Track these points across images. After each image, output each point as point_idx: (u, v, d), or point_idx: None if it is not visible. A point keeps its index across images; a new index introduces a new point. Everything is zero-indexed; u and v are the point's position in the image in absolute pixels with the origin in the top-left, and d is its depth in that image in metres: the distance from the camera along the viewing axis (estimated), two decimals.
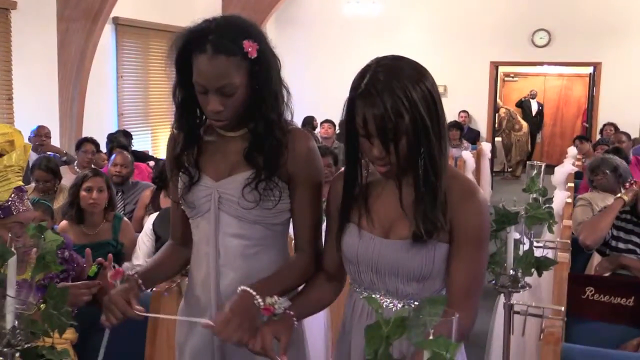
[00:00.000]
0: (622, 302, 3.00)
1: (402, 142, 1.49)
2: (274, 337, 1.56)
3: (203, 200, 1.79)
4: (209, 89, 1.66)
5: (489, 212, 1.64)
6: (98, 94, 7.91)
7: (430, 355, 1.06)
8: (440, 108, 1.54)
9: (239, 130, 1.78)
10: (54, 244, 1.72)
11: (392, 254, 1.58)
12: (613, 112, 10.39)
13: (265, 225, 1.78)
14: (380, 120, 1.47)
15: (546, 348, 2.13)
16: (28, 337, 1.64)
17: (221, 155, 1.80)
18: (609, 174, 4.56)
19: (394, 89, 1.47)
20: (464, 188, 1.58)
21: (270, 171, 1.73)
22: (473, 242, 1.56)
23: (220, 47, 1.63)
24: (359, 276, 1.66)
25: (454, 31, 11.08)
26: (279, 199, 1.76)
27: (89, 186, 3.67)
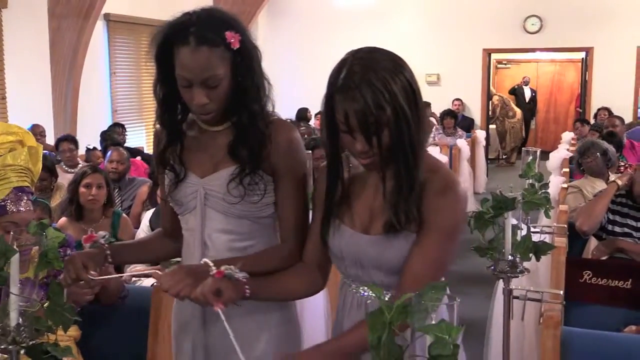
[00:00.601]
0: (620, 285, 3.03)
1: (384, 134, 1.49)
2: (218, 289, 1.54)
3: (190, 198, 1.78)
4: (194, 82, 1.65)
5: (465, 207, 1.61)
6: (91, 91, 7.90)
7: (433, 339, 1.08)
8: (419, 98, 1.53)
9: (222, 125, 1.77)
10: (55, 241, 1.73)
11: (372, 248, 1.58)
12: (606, 96, 10.42)
13: (253, 219, 1.77)
14: (362, 115, 1.46)
15: (546, 332, 2.16)
16: (33, 334, 1.65)
17: (205, 151, 1.79)
18: (599, 157, 4.59)
19: (373, 82, 1.46)
20: (442, 181, 1.56)
21: (255, 164, 1.72)
22: (440, 233, 1.54)
23: (203, 39, 1.62)
24: (346, 270, 1.67)
25: (446, 19, 11.08)
26: (264, 192, 1.75)
27: (88, 182, 3.68)
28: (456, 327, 1.09)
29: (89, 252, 1.75)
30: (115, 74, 8.44)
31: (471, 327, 1.98)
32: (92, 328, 2.51)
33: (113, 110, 8.41)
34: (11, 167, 2.10)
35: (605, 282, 3.05)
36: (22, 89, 6.96)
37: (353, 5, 10.96)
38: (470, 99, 11.45)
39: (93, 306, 2.53)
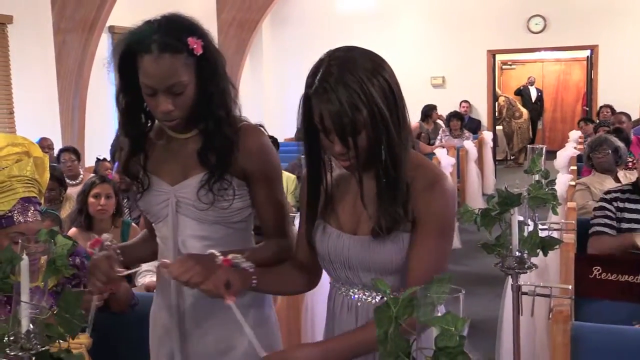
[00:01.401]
0: (630, 280, 3.00)
1: (361, 136, 1.46)
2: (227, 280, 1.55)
3: (161, 206, 1.79)
4: (158, 90, 1.64)
5: (454, 201, 1.60)
6: (98, 103, 7.94)
7: (439, 331, 1.09)
8: (400, 98, 1.50)
9: (190, 132, 1.77)
10: (64, 249, 1.74)
11: (360, 249, 1.56)
12: (612, 94, 10.39)
13: (226, 224, 1.77)
14: (337, 116, 1.43)
15: (556, 327, 2.15)
16: (43, 340, 1.66)
17: (174, 158, 1.79)
18: (610, 153, 4.59)
19: (349, 83, 1.43)
20: (429, 177, 1.54)
21: (223, 169, 1.72)
22: (433, 230, 1.52)
23: (166, 46, 1.62)
24: (335, 273, 1.65)
25: (450, 22, 11.08)
26: (233, 198, 1.74)
27: (96, 193, 3.71)
28: (462, 318, 1.10)
29: (106, 254, 1.76)
30: None
31: (482, 327, 1.99)
32: (103, 336, 2.52)
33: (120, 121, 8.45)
34: (17, 178, 2.12)
35: (615, 277, 3.03)
36: (29, 103, 7.02)
37: (356, 10, 10.98)
38: (476, 100, 11.44)
39: (104, 314, 2.55)
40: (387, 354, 1.13)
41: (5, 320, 1.53)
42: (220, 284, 1.54)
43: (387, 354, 1.13)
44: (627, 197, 3.44)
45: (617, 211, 3.40)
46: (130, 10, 8.42)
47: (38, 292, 1.83)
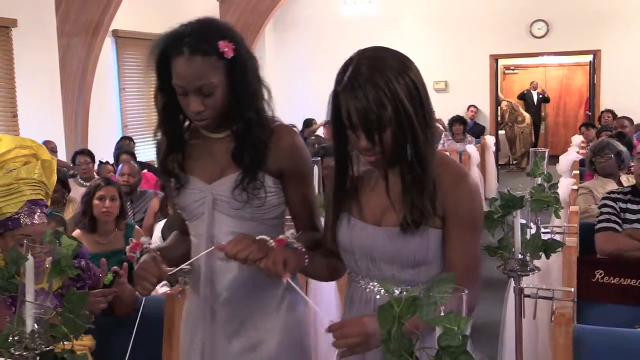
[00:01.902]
0: (632, 283, 3.01)
1: (386, 133, 1.52)
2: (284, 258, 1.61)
3: (197, 204, 1.83)
4: (189, 90, 1.71)
5: (480, 196, 1.66)
6: (102, 107, 7.97)
7: (442, 331, 1.09)
8: (425, 98, 1.56)
9: (224, 132, 1.83)
10: (69, 249, 1.75)
11: (384, 241, 1.61)
12: (615, 98, 10.38)
13: (260, 221, 1.83)
14: (364, 113, 1.49)
15: (558, 329, 2.15)
16: (48, 340, 1.67)
17: (210, 157, 1.84)
18: (612, 158, 4.59)
19: (376, 81, 1.49)
20: (454, 173, 1.61)
21: (256, 169, 1.78)
22: (466, 226, 1.59)
23: (197, 48, 1.69)
24: (356, 264, 1.69)
25: (452, 26, 11.09)
26: (266, 195, 1.80)
27: (101, 195, 3.71)
28: (465, 317, 1.11)
29: (152, 256, 1.79)
30: (125, 89, 8.51)
31: (484, 330, 1.99)
32: (107, 338, 2.53)
33: (123, 125, 8.47)
34: (25, 180, 2.13)
35: (617, 280, 3.04)
36: (33, 107, 7.04)
37: (359, 15, 10.98)
38: (479, 105, 11.44)
39: (108, 317, 2.56)
40: (391, 353, 1.14)
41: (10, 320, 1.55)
42: (279, 261, 1.60)
43: (390, 353, 1.14)
44: (628, 198, 3.45)
45: (620, 211, 3.41)
46: (134, 14, 8.47)
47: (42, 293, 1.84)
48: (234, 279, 1.82)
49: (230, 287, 1.84)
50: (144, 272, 1.75)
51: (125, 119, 8.52)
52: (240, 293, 1.84)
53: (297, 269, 1.68)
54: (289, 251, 1.65)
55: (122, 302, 2.49)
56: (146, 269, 1.75)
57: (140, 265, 1.76)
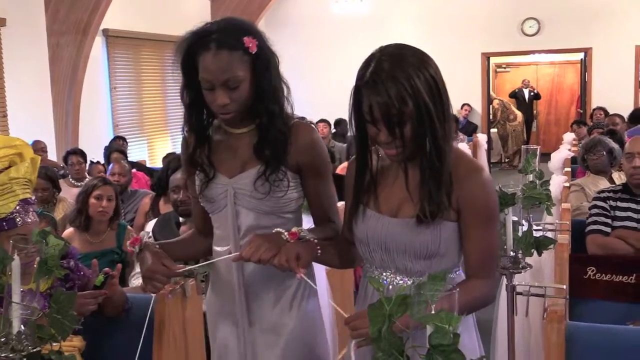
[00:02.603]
0: (624, 280, 3.01)
1: (407, 127, 1.57)
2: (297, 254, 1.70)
3: (220, 197, 1.91)
4: (215, 84, 1.77)
5: (494, 189, 1.72)
6: (92, 106, 7.93)
7: (433, 329, 1.08)
8: (444, 93, 1.61)
9: (246, 127, 1.90)
10: (56, 249, 1.73)
11: (399, 232, 1.67)
12: (606, 96, 10.42)
13: (279, 214, 1.90)
14: (385, 107, 1.55)
15: (550, 326, 2.15)
16: (35, 342, 1.64)
17: (231, 152, 1.92)
18: (604, 155, 4.60)
19: (398, 77, 1.55)
20: (469, 167, 1.67)
21: (278, 162, 1.85)
22: (482, 217, 1.65)
23: (223, 43, 1.76)
24: (370, 255, 1.75)
25: (444, 24, 11.10)
26: (287, 188, 1.87)
27: (99, 194, 3.70)
28: (456, 316, 1.09)
29: (156, 254, 1.86)
30: (116, 88, 8.47)
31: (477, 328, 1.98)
32: (97, 339, 2.51)
33: (114, 124, 8.44)
34: (16, 180, 2.11)
35: (609, 277, 3.03)
36: (23, 106, 7.00)
37: (351, 14, 10.98)
38: (471, 103, 11.45)
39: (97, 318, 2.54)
40: (382, 352, 1.12)
41: None
42: (291, 258, 1.68)
43: (381, 352, 1.13)
44: (619, 196, 3.45)
45: (610, 210, 3.41)
46: (124, 13, 8.43)
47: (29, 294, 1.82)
48: (255, 267, 1.87)
49: (253, 274, 1.91)
50: (151, 274, 1.82)
51: (116, 119, 8.49)
52: (263, 280, 1.91)
53: (310, 262, 1.77)
54: (301, 245, 1.74)
55: (113, 303, 2.47)
56: (153, 270, 1.81)
57: (149, 268, 1.83)
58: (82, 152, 6.03)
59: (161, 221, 3.63)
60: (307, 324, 1.97)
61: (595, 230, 3.37)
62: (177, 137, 9.75)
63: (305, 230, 1.78)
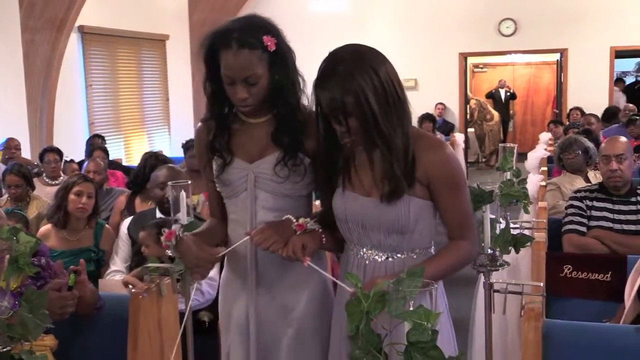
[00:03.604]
0: (600, 278, 3.03)
1: (351, 119, 1.74)
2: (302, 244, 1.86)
3: (240, 182, 2.04)
4: (236, 80, 1.91)
5: (457, 159, 1.88)
6: (67, 104, 7.83)
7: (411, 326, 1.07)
8: (389, 89, 1.76)
9: (264, 117, 2.04)
10: (27, 247, 1.70)
11: (372, 210, 1.83)
12: (581, 96, 10.53)
13: (295, 197, 2.04)
14: (329, 102, 1.74)
15: (527, 324, 2.15)
16: (5, 341, 1.61)
17: (249, 140, 2.05)
18: (580, 154, 4.64)
19: (341, 75, 1.73)
20: (429, 144, 1.84)
21: (296, 148, 1.99)
22: (449, 186, 1.82)
23: (244, 43, 1.89)
24: (349, 232, 1.91)
25: (422, 24, 11.14)
26: (304, 173, 2.01)
27: (79, 190, 3.66)
28: (434, 312, 1.08)
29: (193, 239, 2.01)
30: (91, 86, 8.37)
31: (454, 326, 1.99)
32: (69, 337, 2.47)
33: (90, 122, 8.34)
34: None
35: (585, 275, 3.05)
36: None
37: (329, 13, 10.98)
38: (448, 103, 11.51)
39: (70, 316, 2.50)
40: (359, 349, 1.11)
41: None
42: (297, 249, 1.85)
43: (359, 350, 1.11)
44: (595, 196, 3.49)
45: (587, 209, 3.44)
46: (100, 10, 8.33)
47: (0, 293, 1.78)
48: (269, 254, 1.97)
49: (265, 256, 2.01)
50: (199, 262, 1.98)
51: (92, 117, 8.39)
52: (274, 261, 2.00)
53: (315, 250, 1.92)
54: (308, 236, 1.90)
55: (84, 301, 2.44)
56: (200, 256, 1.98)
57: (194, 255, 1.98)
58: (58, 150, 5.95)
59: (136, 219, 3.60)
60: (317, 302, 2.09)
61: (571, 230, 3.40)
62: (153, 135, 9.68)
63: (311, 221, 1.92)
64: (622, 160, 3.45)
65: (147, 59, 9.56)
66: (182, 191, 2.18)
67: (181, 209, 2.17)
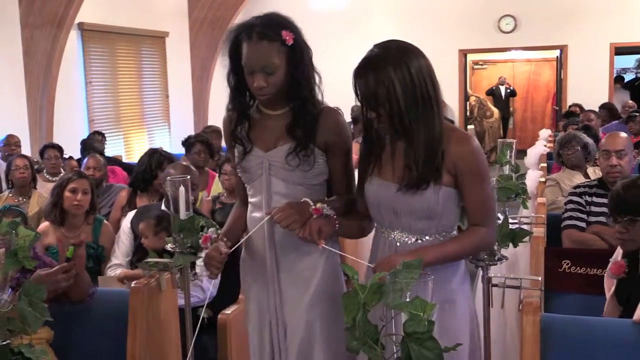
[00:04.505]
0: (598, 273, 3.04)
1: (380, 109, 1.90)
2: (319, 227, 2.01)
3: (256, 168, 2.20)
4: (255, 69, 2.06)
5: (482, 153, 2.01)
6: (67, 100, 7.82)
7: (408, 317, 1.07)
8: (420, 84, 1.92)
9: (280, 110, 2.18)
10: (26, 240, 1.70)
11: (403, 197, 1.97)
12: (581, 93, 10.52)
13: (307, 185, 2.18)
14: (364, 91, 1.92)
15: (525, 318, 2.16)
16: (5, 334, 1.61)
17: (267, 131, 2.20)
18: (579, 150, 4.64)
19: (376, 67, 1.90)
20: (459, 136, 1.99)
21: (307, 141, 2.13)
22: (474, 176, 1.96)
23: (264, 35, 2.05)
24: (381, 217, 2.07)
25: (421, 21, 11.12)
26: (314, 163, 2.15)
27: (73, 187, 3.66)
28: (430, 303, 1.09)
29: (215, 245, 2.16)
30: (91, 83, 8.37)
31: None
32: (65, 328, 2.48)
33: (89, 119, 8.33)
34: None
35: (584, 270, 3.06)
36: None
37: (328, 10, 10.98)
38: (448, 100, 11.48)
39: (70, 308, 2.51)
40: (356, 340, 1.11)
41: None
42: (314, 232, 2.00)
43: (356, 340, 1.11)
44: (594, 191, 3.49)
45: (586, 205, 3.44)
46: (100, 7, 8.33)
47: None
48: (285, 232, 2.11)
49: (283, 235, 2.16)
50: (210, 261, 2.14)
51: (91, 114, 8.39)
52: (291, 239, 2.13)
53: (329, 234, 2.05)
54: (323, 220, 2.03)
55: (79, 287, 2.45)
56: (212, 256, 2.14)
57: (207, 254, 2.16)
58: (59, 147, 5.97)
59: (140, 213, 3.60)
60: (331, 278, 2.22)
61: (570, 225, 3.40)
62: (153, 132, 9.68)
63: (327, 207, 2.05)
64: (622, 156, 3.45)
65: (146, 56, 9.55)
66: (181, 186, 2.19)
67: (180, 204, 2.18)
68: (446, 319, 1.95)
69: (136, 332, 2.44)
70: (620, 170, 3.43)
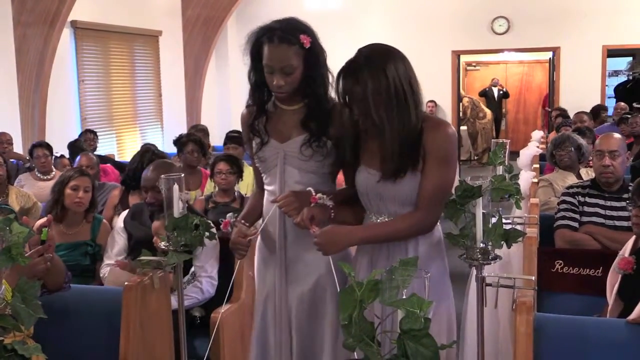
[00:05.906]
0: (591, 273, 3.05)
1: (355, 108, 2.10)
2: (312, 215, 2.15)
3: (272, 157, 2.39)
4: (274, 69, 2.26)
5: (455, 140, 2.16)
6: (59, 99, 7.79)
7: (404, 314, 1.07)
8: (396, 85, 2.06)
9: (296, 105, 2.38)
10: (20, 237, 1.69)
11: (388, 185, 2.15)
12: (573, 95, 10.57)
13: (319, 174, 2.37)
14: (343, 88, 2.13)
15: (519, 318, 2.16)
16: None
17: (283, 124, 2.40)
18: (572, 151, 4.66)
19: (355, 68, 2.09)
20: (434, 122, 2.16)
21: (320, 133, 2.32)
22: (437, 160, 2.11)
23: (284, 39, 2.24)
24: (369, 203, 2.25)
25: (415, 22, 11.14)
26: (326, 154, 2.34)
27: (75, 185, 3.66)
28: (427, 301, 1.09)
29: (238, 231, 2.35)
30: (84, 81, 8.34)
31: None
32: (62, 328, 2.47)
33: (82, 118, 8.30)
34: None
35: (577, 270, 3.07)
36: None
37: (322, 10, 10.98)
38: (441, 101, 11.52)
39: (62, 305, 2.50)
40: (352, 338, 1.11)
41: None
42: (306, 219, 2.15)
43: (352, 338, 1.11)
44: (587, 192, 3.50)
45: (579, 205, 3.45)
46: (93, 5, 8.30)
47: None
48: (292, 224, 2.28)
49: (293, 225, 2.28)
50: (236, 246, 2.34)
51: (84, 112, 8.35)
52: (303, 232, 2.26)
53: (323, 222, 2.18)
54: (317, 209, 2.19)
55: (53, 275, 2.42)
56: (235, 241, 2.34)
57: (232, 240, 2.36)
58: (47, 145, 5.93)
59: (133, 212, 3.59)
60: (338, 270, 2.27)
61: (563, 225, 3.41)
62: (146, 131, 9.65)
63: (325, 197, 2.21)
64: (615, 156, 3.47)
65: (140, 55, 9.52)
66: (174, 184, 2.19)
67: (174, 201, 2.18)
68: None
69: (129, 330, 2.44)
70: (612, 171, 3.45)
